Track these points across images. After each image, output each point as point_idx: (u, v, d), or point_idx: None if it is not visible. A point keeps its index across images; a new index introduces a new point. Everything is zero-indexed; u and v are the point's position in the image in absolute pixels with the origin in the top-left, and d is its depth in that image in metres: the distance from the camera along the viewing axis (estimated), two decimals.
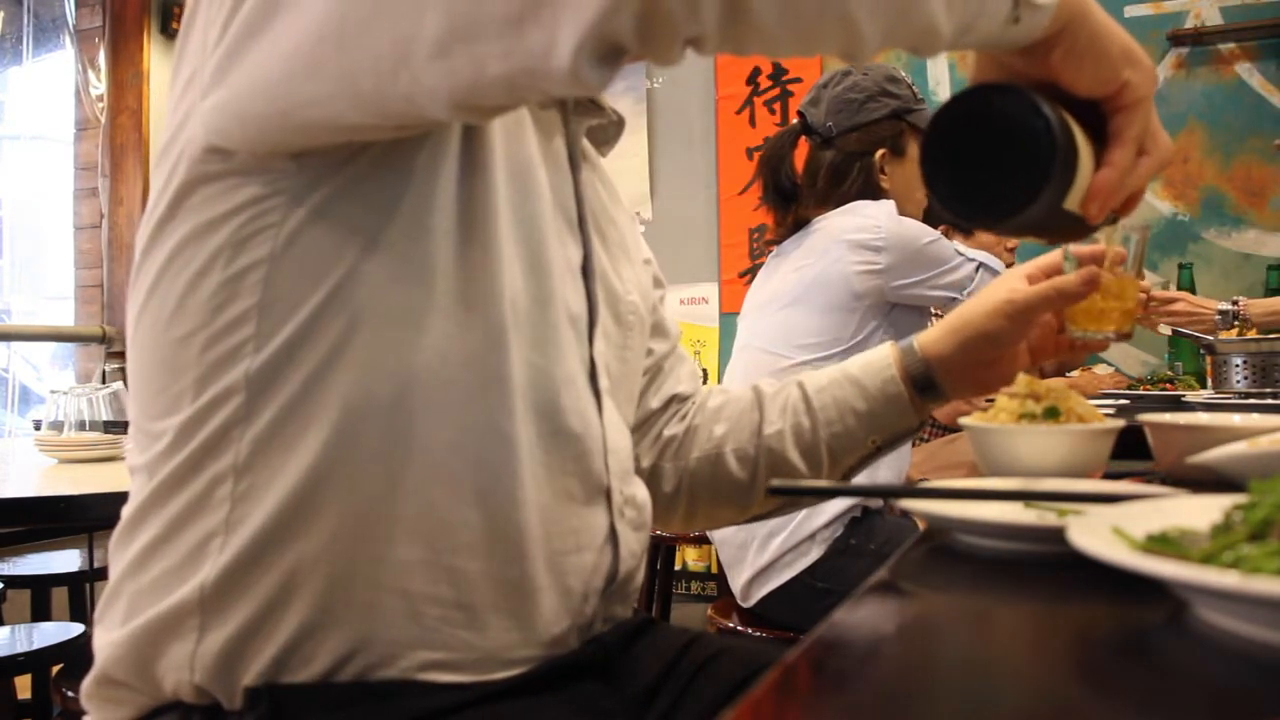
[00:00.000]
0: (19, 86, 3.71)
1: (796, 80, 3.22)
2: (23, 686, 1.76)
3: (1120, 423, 0.75)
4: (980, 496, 0.62)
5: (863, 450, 0.90)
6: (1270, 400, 1.43)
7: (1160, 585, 0.38)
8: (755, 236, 3.28)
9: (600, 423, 0.73)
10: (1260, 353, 1.57)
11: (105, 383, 1.86)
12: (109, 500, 1.16)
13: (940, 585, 0.52)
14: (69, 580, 2.30)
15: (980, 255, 1.78)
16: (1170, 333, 2.06)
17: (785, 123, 3.21)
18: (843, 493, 1.22)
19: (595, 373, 0.74)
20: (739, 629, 1.71)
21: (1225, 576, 0.35)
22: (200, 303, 0.61)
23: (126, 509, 0.65)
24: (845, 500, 1.62)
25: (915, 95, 1.84)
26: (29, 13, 3.53)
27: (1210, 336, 1.76)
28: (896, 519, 1.69)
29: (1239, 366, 1.58)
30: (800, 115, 1.89)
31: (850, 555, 1.62)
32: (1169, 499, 0.49)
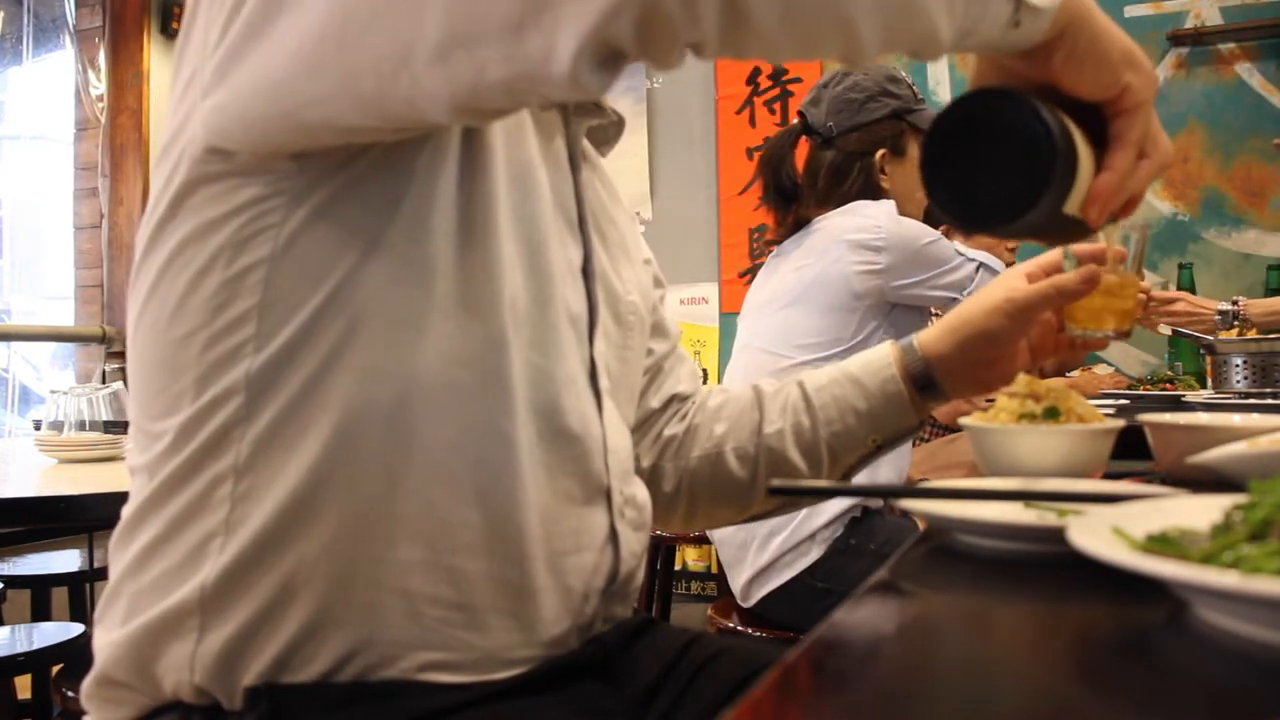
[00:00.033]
0: (19, 86, 3.72)
1: (796, 80, 3.22)
2: (23, 686, 1.76)
3: (1120, 423, 0.75)
4: (980, 496, 0.62)
5: (863, 449, 0.90)
6: (1270, 400, 1.43)
7: (1160, 585, 0.38)
8: (755, 236, 3.28)
9: (600, 423, 0.73)
10: (1260, 353, 1.57)
11: (105, 383, 1.86)
12: (109, 500, 1.16)
13: (940, 585, 0.52)
14: (69, 580, 2.30)
15: (980, 255, 1.78)
16: (1170, 333, 2.06)
17: (785, 123, 3.21)
18: (843, 493, 1.22)
19: (595, 373, 0.74)
20: (739, 629, 1.71)
21: (1225, 576, 0.35)
22: (200, 303, 0.61)
23: (126, 509, 0.65)
24: (845, 500, 1.62)
25: (916, 95, 1.84)
26: (29, 13, 3.53)
27: (1210, 336, 1.76)
28: (896, 519, 1.69)
29: (1239, 366, 1.58)
30: (801, 115, 1.89)
31: (850, 555, 1.62)
32: (1169, 499, 0.49)
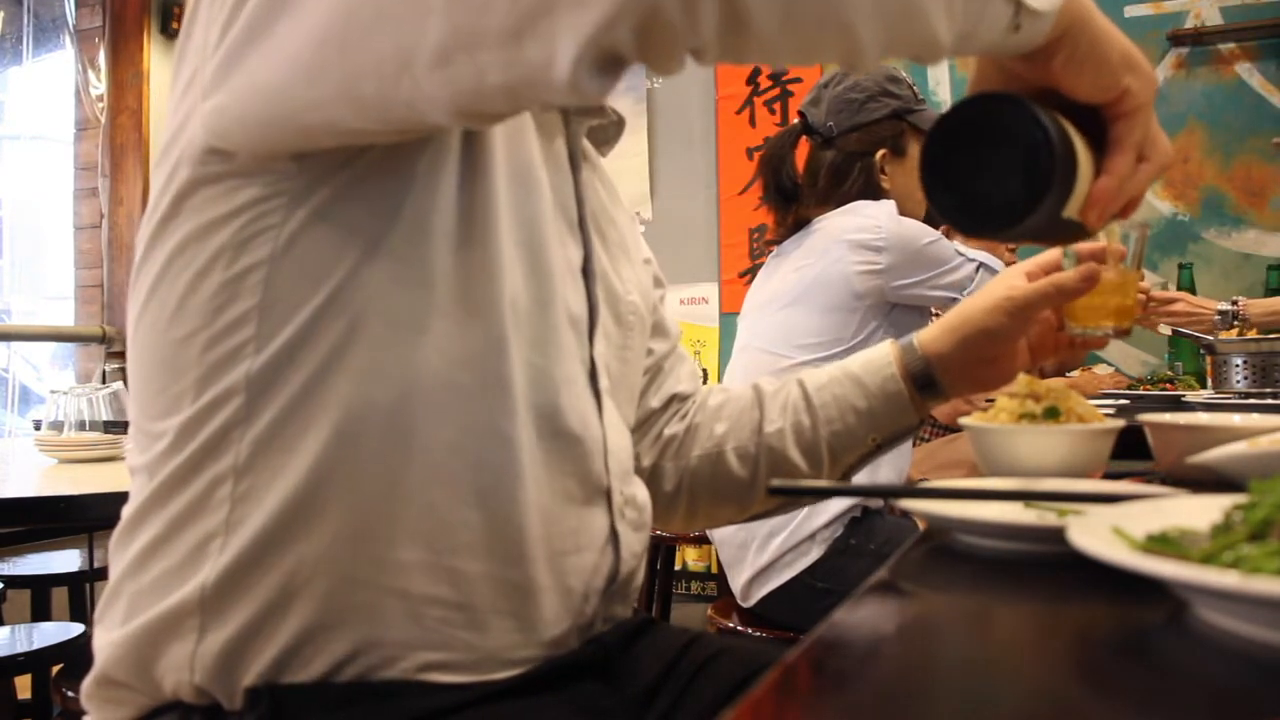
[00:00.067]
0: (19, 86, 3.72)
1: (796, 80, 3.22)
2: (23, 686, 1.76)
3: (1120, 423, 0.75)
4: (980, 496, 0.62)
5: (863, 448, 0.90)
6: (1270, 400, 1.43)
7: (1160, 585, 0.38)
8: (755, 236, 3.28)
9: (600, 423, 0.73)
10: (1260, 353, 1.57)
11: (105, 383, 1.86)
12: (109, 500, 1.16)
13: (940, 585, 0.52)
14: (69, 580, 2.30)
15: (980, 255, 1.78)
16: (1170, 333, 2.06)
17: (785, 123, 3.21)
18: (843, 493, 1.22)
19: (595, 373, 0.74)
20: (739, 629, 1.71)
21: (1225, 576, 0.35)
22: (201, 303, 0.61)
23: (127, 509, 0.65)
24: (845, 500, 1.62)
25: (916, 95, 1.84)
26: (29, 13, 3.53)
27: (1210, 336, 1.76)
28: (896, 519, 1.69)
29: (1239, 366, 1.58)
30: (801, 115, 1.89)
31: (850, 555, 1.62)
32: (1169, 499, 0.49)
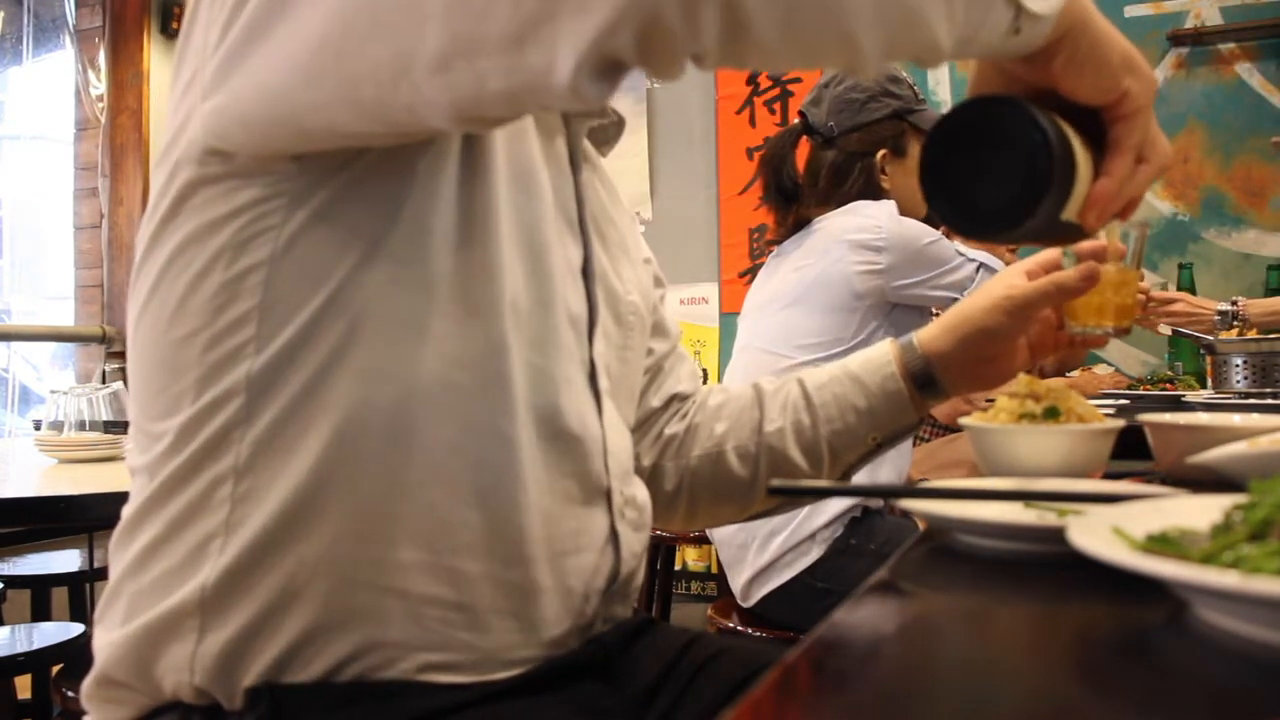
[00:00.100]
0: (19, 86, 3.72)
1: (796, 81, 3.22)
2: (23, 686, 1.76)
3: (1120, 423, 0.75)
4: (980, 496, 0.62)
5: (863, 447, 0.90)
6: (1270, 400, 1.43)
7: (1160, 585, 0.38)
8: (755, 236, 3.28)
9: (600, 424, 0.73)
10: (1260, 353, 1.57)
11: (105, 383, 1.86)
12: (109, 500, 1.16)
13: (940, 585, 0.52)
14: (69, 580, 2.30)
15: (981, 255, 1.78)
16: (1170, 333, 2.06)
17: (785, 123, 3.21)
18: (843, 492, 1.22)
19: (595, 374, 0.74)
20: (739, 629, 1.71)
21: (1225, 576, 0.35)
22: (201, 304, 0.61)
23: (127, 509, 0.65)
24: (845, 500, 1.62)
25: (916, 95, 1.84)
26: (29, 13, 3.53)
27: (1210, 336, 1.76)
28: (897, 519, 1.69)
29: (1239, 366, 1.58)
30: (801, 115, 1.89)
31: (850, 555, 1.62)
32: (1169, 499, 0.49)
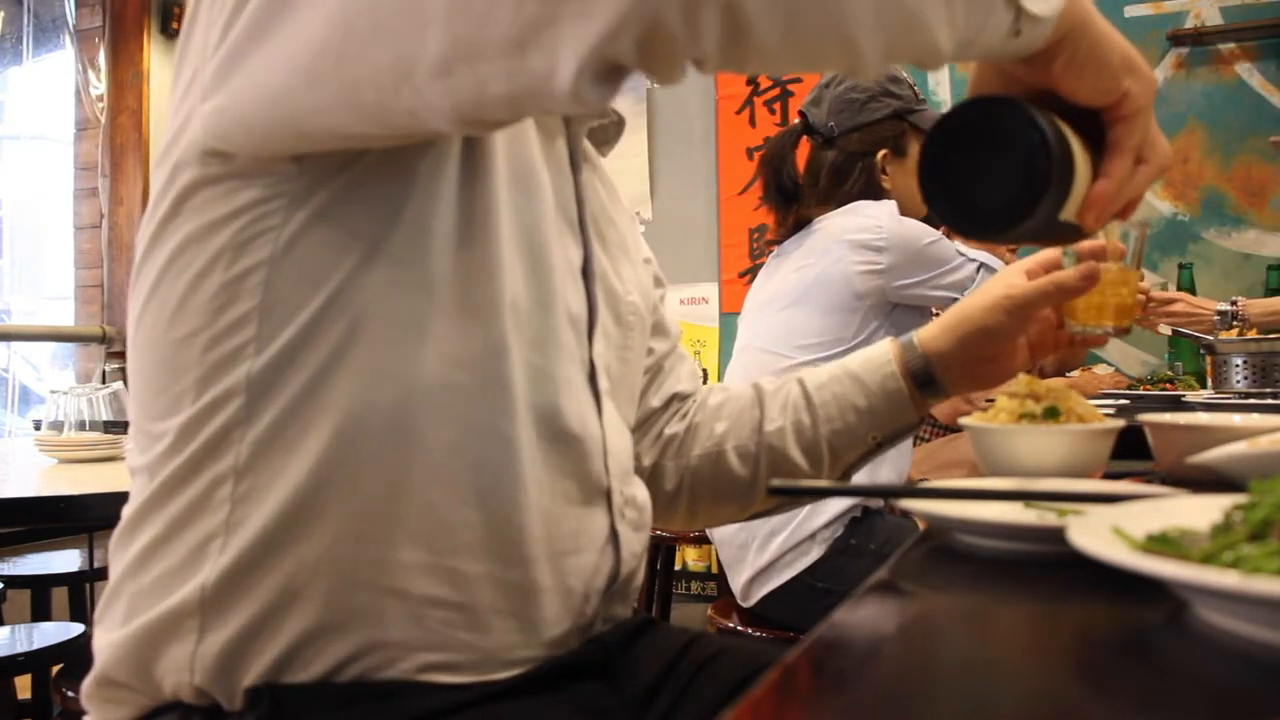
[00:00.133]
0: (19, 86, 3.72)
1: (797, 81, 3.22)
2: (23, 686, 1.76)
3: (1120, 423, 0.75)
4: (980, 496, 0.62)
5: (863, 447, 0.90)
6: (1270, 400, 1.43)
7: (1160, 585, 0.38)
8: (755, 236, 3.28)
9: (600, 424, 0.73)
10: (1260, 353, 1.57)
11: (105, 383, 1.86)
12: (109, 500, 1.16)
13: (940, 585, 0.52)
14: (69, 580, 2.30)
15: (981, 255, 1.78)
16: (1170, 333, 2.06)
17: (785, 123, 3.21)
18: (843, 492, 1.22)
19: (595, 374, 0.74)
20: (739, 629, 1.71)
21: (1225, 576, 0.35)
22: (201, 304, 0.61)
23: (127, 509, 0.65)
24: (846, 500, 1.62)
25: (917, 95, 1.84)
26: (29, 13, 3.53)
27: (1210, 336, 1.76)
28: (897, 519, 1.69)
29: (1239, 366, 1.58)
30: (802, 115, 1.89)
31: (850, 555, 1.62)
32: (1169, 499, 0.49)
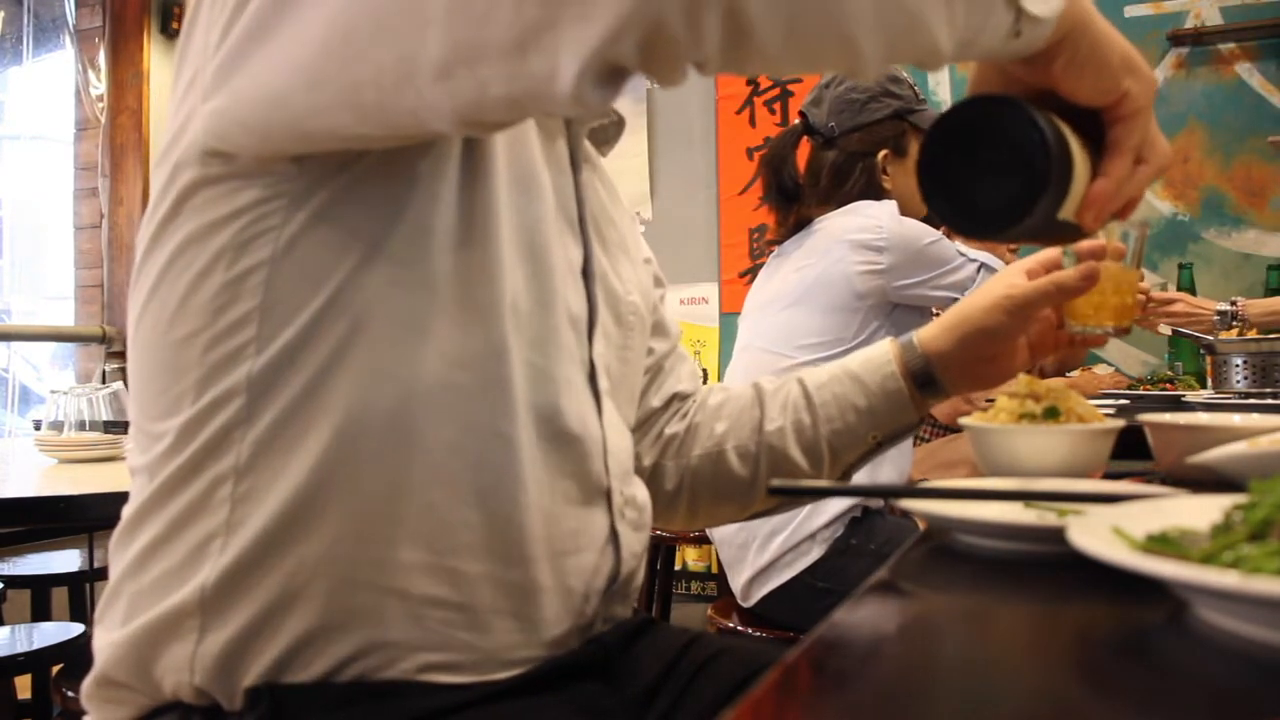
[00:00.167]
0: (19, 86, 3.72)
1: (796, 81, 3.22)
2: (23, 686, 1.76)
3: (1120, 423, 0.75)
4: (980, 496, 0.62)
5: (863, 447, 0.90)
6: (1270, 400, 1.43)
7: (1160, 585, 0.38)
8: (755, 236, 3.28)
9: (600, 424, 0.73)
10: (1260, 353, 1.57)
11: (105, 383, 1.86)
12: (109, 500, 1.16)
13: (940, 585, 0.52)
14: (69, 580, 2.30)
15: (982, 255, 1.78)
16: (1170, 333, 2.06)
17: (785, 123, 3.21)
18: (843, 492, 1.22)
19: (595, 374, 0.74)
20: (739, 629, 1.71)
21: (1225, 576, 0.35)
22: (202, 304, 0.61)
23: (127, 509, 0.65)
24: (846, 500, 1.62)
25: (917, 95, 1.84)
26: (29, 13, 3.53)
27: (1210, 336, 1.76)
28: (897, 519, 1.69)
29: (1239, 366, 1.58)
30: (802, 115, 1.89)
31: (851, 555, 1.62)
32: (1169, 499, 0.49)
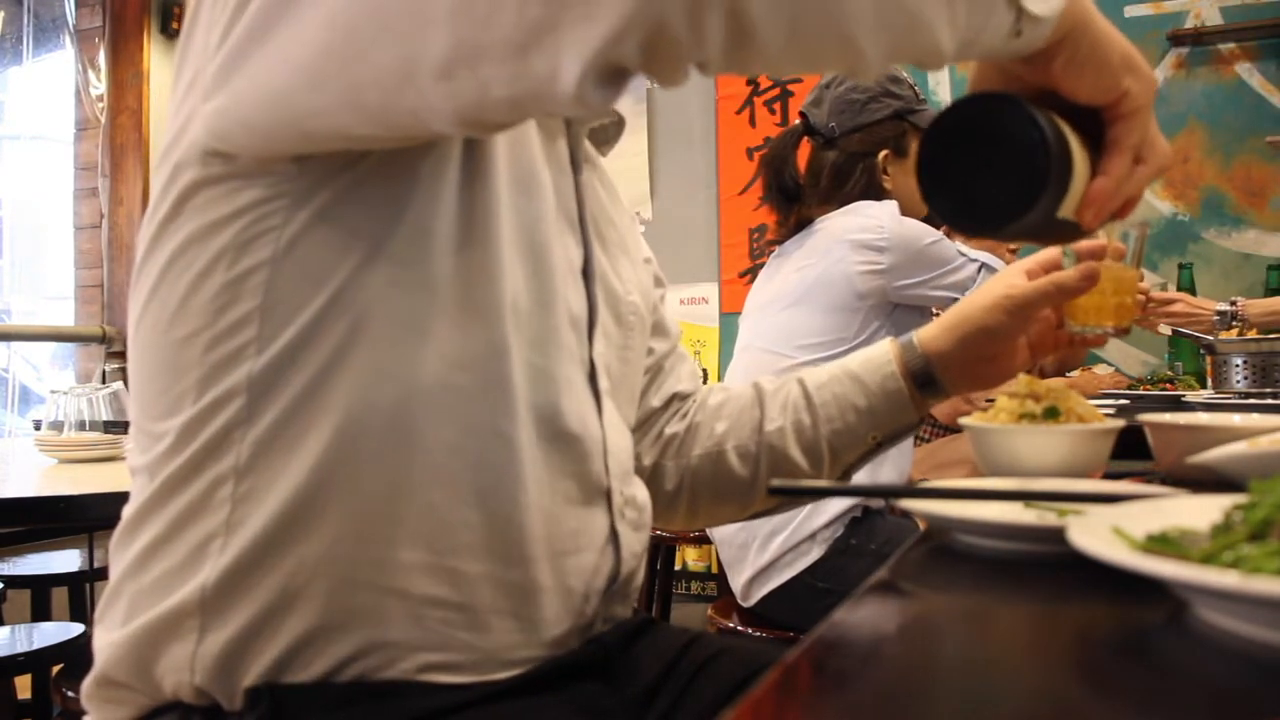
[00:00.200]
0: (19, 86, 3.72)
1: (797, 81, 3.22)
2: (23, 686, 1.76)
3: (1120, 423, 0.75)
4: (980, 496, 0.62)
5: (863, 447, 0.90)
6: (1270, 400, 1.43)
7: (1160, 585, 0.38)
8: (755, 236, 3.28)
9: (600, 424, 0.73)
10: (1260, 353, 1.57)
11: (105, 383, 1.86)
12: (109, 500, 1.16)
13: (940, 585, 0.52)
14: (69, 580, 2.30)
15: (982, 255, 1.78)
16: (1170, 333, 2.06)
17: (785, 123, 3.21)
18: (843, 492, 1.22)
19: (595, 374, 0.74)
20: (739, 629, 1.71)
21: (1225, 576, 0.35)
22: (202, 304, 0.61)
23: (127, 509, 0.65)
24: (846, 500, 1.62)
25: (917, 95, 1.84)
26: (29, 13, 3.53)
27: (1210, 336, 1.76)
28: (897, 519, 1.69)
29: (1239, 366, 1.58)
30: (802, 116, 1.89)
31: (851, 555, 1.63)
32: (1169, 499, 0.49)
